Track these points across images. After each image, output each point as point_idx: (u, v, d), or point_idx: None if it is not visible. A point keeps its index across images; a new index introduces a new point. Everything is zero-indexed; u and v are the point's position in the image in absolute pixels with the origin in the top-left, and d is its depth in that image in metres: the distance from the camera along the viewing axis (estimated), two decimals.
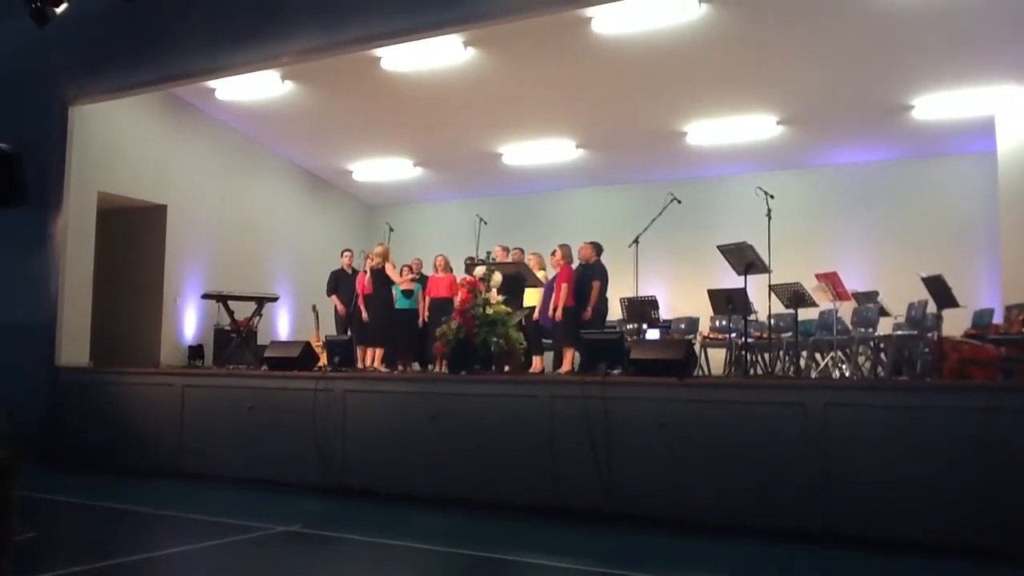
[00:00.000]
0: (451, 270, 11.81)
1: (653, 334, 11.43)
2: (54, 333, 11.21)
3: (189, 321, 13.74)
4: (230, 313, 12.85)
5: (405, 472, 8.41)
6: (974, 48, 10.38)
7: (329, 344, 10.31)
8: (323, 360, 10.45)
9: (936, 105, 11.60)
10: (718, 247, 9.07)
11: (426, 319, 11.51)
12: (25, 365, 11.09)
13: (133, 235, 13.65)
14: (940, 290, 8.84)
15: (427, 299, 11.61)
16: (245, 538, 6.72)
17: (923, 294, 9.41)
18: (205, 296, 13.16)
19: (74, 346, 11.43)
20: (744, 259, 8.77)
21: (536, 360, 10.69)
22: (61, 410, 10.85)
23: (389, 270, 11.64)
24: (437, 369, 10.31)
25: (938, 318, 8.78)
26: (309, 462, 8.91)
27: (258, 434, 9.32)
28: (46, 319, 11.20)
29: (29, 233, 11.39)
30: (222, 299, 12.85)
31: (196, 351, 13.36)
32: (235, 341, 12.76)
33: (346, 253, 12.68)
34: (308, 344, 10.06)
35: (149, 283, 13.50)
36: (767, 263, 8.80)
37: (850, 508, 6.56)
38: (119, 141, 12.80)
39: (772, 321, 9.95)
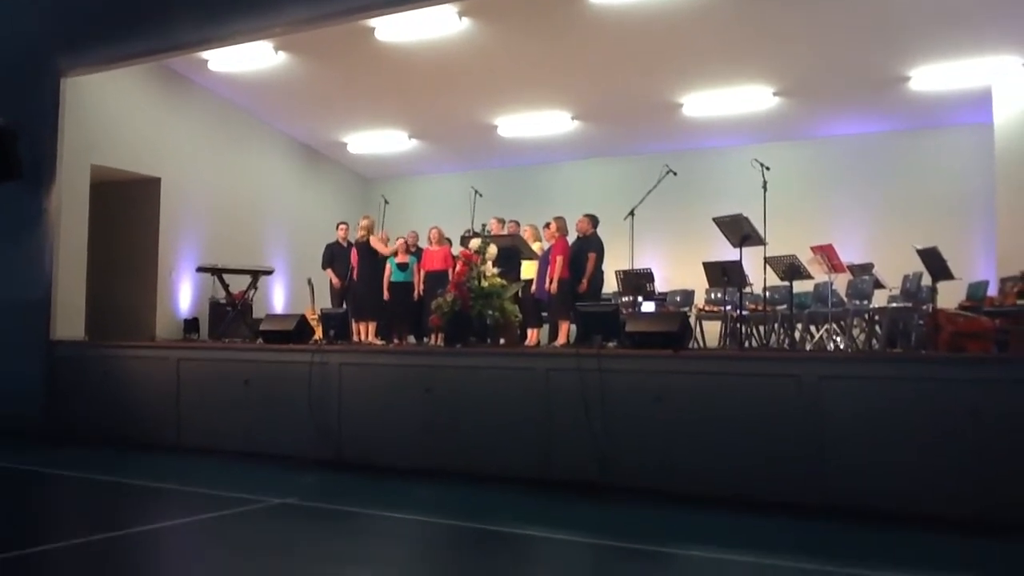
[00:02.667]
0: (447, 242, 11.80)
1: (648, 307, 11.44)
2: (49, 307, 11.18)
3: (184, 294, 13.73)
4: (225, 286, 12.83)
5: (401, 445, 8.44)
6: (971, 19, 10.32)
7: (325, 317, 10.31)
8: (319, 333, 10.46)
9: (933, 76, 11.57)
10: (714, 219, 9.06)
11: (421, 292, 11.50)
12: (20, 339, 11.08)
13: (127, 208, 13.61)
14: (935, 262, 8.85)
15: (422, 272, 11.59)
16: (242, 510, 6.75)
17: (918, 266, 9.42)
18: (200, 269, 13.14)
19: (69, 320, 11.41)
20: (740, 231, 8.76)
21: (532, 333, 10.71)
22: (57, 384, 10.85)
23: (374, 242, 11.62)
24: (433, 342, 10.32)
25: (933, 290, 8.79)
26: (305, 435, 8.93)
27: (254, 407, 9.33)
28: (41, 293, 11.17)
29: (23, 207, 11.34)
30: (217, 272, 12.83)
31: (191, 324, 13.37)
32: (230, 314, 12.76)
33: (341, 226, 12.65)
34: (303, 317, 10.05)
35: (144, 256, 13.47)
36: (763, 235, 8.80)
37: (845, 480, 6.59)
38: (112, 113, 12.71)
39: (767, 293, 9.96)
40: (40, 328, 11.10)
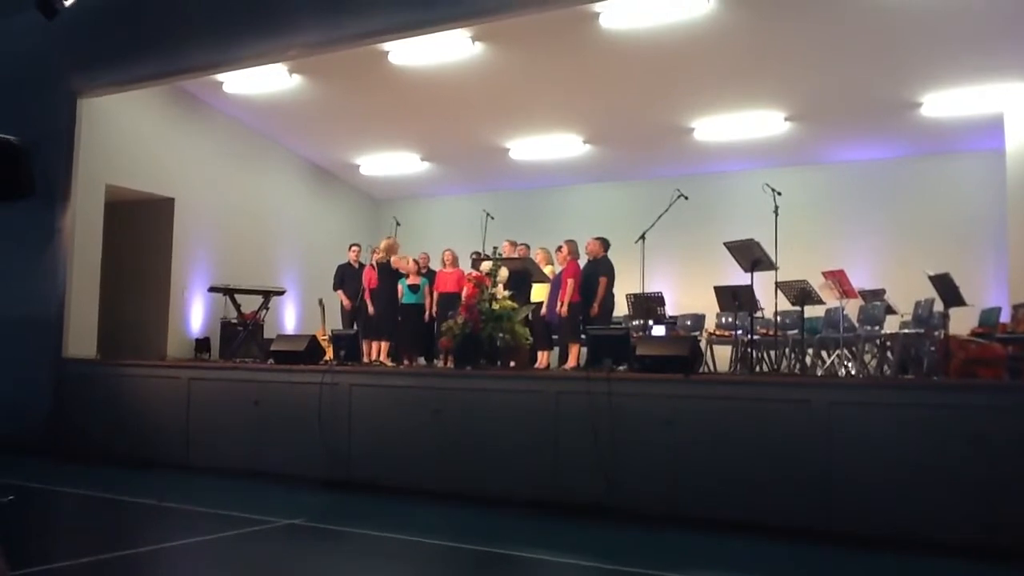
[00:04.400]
0: (459, 265, 11.82)
1: (659, 330, 11.42)
2: (61, 325, 11.24)
3: (196, 314, 13.78)
4: (237, 306, 12.88)
5: (410, 466, 8.42)
6: (983, 45, 10.34)
7: (335, 338, 10.33)
8: (329, 354, 10.47)
9: (945, 102, 11.57)
10: (725, 244, 9.05)
11: (434, 314, 11.52)
12: (32, 357, 11.14)
13: (140, 228, 13.69)
14: (947, 288, 8.81)
15: (435, 294, 11.61)
16: (251, 531, 6.74)
17: (930, 292, 9.39)
18: (212, 289, 13.19)
19: (81, 338, 11.48)
20: (751, 256, 8.76)
21: (542, 356, 10.70)
22: (68, 402, 10.89)
23: (396, 263, 11.65)
24: (443, 364, 10.32)
25: (945, 316, 8.75)
26: (314, 456, 8.92)
27: (264, 427, 9.34)
28: (53, 311, 11.24)
29: (37, 226, 11.42)
30: (229, 292, 12.88)
31: (203, 344, 13.40)
32: (242, 334, 12.79)
33: (353, 247, 12.69)
34: (314, 338, 10.07)
35: (156, 276, 13.54)
36: (774, 260, 8.79)
37: (854, 506, 6.55)
38: (127, 134, 12.82)
39: (778, 318, 9.94)
40: (52, 346, 11.16)
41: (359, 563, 6.07)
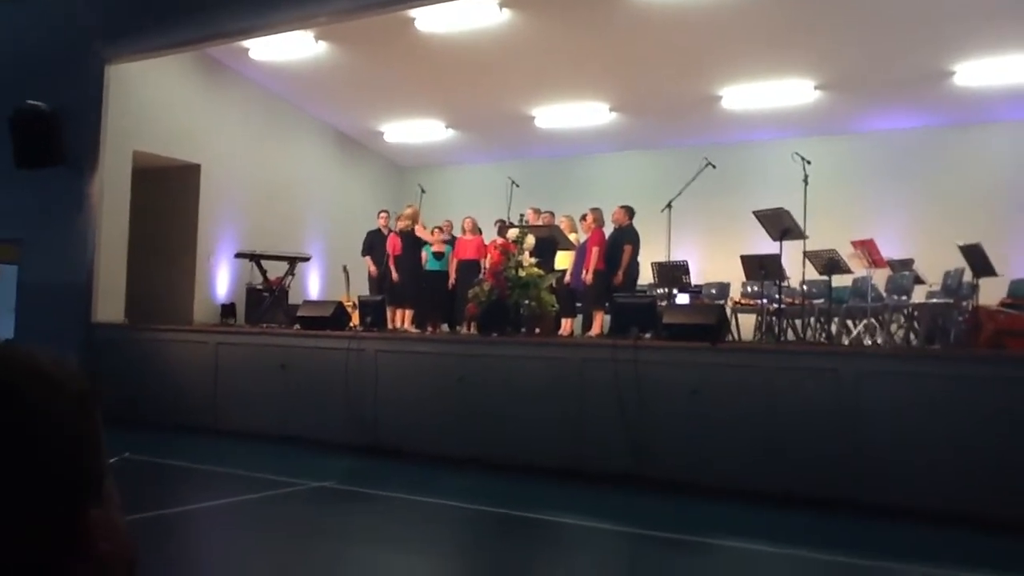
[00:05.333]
0: (479, 232, 11.82)
1: (683, 299, 11.39)
2: (91, 290, 11.35)
3: (222, 280, 13.86)
4: (263, 272, 12.93)
5: (435, 432, 8.48)
6: (1017, 13, 10.15)
7: (362, 304, 10.37)
8: (355, 320, 10.52)
9: (978, 71, 11.38)
10: (754, 212, 9.00)
11: (455, 281, 11.55)
12: (62, 322, 11.25)
13: (167, 194, 13.74)
14: (978, 258, 8.74)
15: (455, 261, 11.63)
16: (281, 492, 6.83)
17: (959, 262, 9.31)
18: (239, 255, 13.25)
19: (110, 303, 11.59)
20: (780, 225, 8.71)
21: (566, 323, 10.71)
22: (97, 366, 10.99)
23: (419, 231, 11.66)
24: (465, 330, 10.35)
25: (974, 287, 8.69)
26: (340, 421, 9.00)
27: (290, 392, 9.42)
28: (83, 277, 11.34)
29: (66, 192, 11.50)
30: (255, 258, 12.93)
31: (228, 310, 13.49)
32: (268, 300, 12.85)
33: (382, 214, 12.67)
34: (340, 304, 10.12)
35: (183, 242, 13.61)
36: (803, 229, 8.74)
37: (881, 477, 6.54)
38: (154, 101, 12.85)
39: (805, 287, 9.89)
40: (82, 311, 11.27)
41: (393, 524, 6.14)
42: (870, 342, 10.12)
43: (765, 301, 10.66)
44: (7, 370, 0.70)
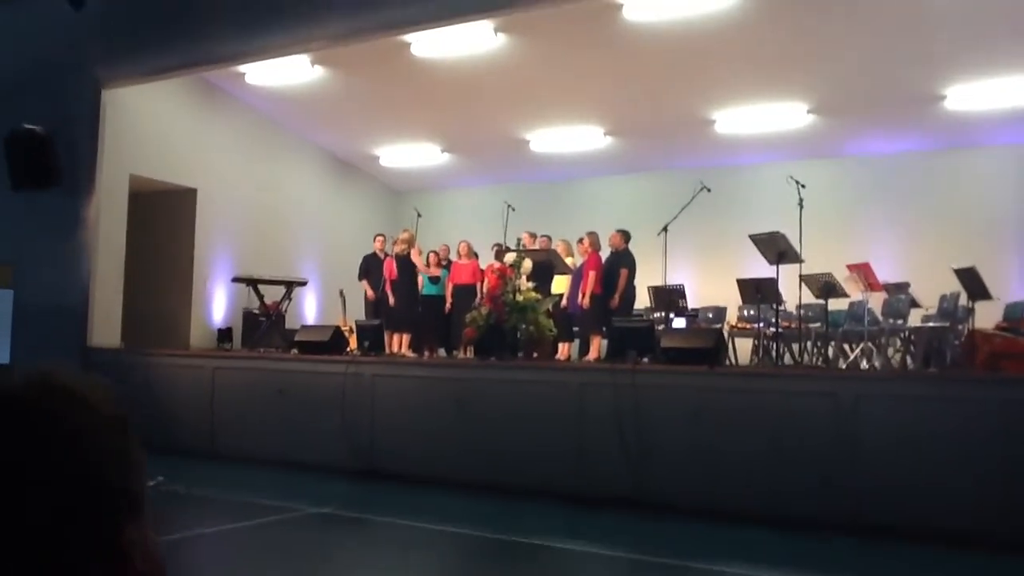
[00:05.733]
0: (475, 256, 11.85)
1: (680, 323, 11.42)
2: (86, 314, 11.31)
3: (218, 304, 13.85)
4: (260, 297, 12.91)
5: (433, 457, 8.46)
6: (1008, 37, 10.27)
7: (360, 328, 10.37)
8: (352, 344, 10.52)
9: (969, 95, 11.49)
10: (750, 236, 9.05)
11: (451, 305, 11.55)
12: (58, 346, 11.20)
13: (163, 218, 13.75)
14: (973, 282, 8.79)
15: (451, 285, 11.65)
16: (279, 519, 6.80)
17: (955, 286, 9.36)
18: (236, 279, 13.23)
19: (106, 327, 11.56)
20: (776, 248, 8.76)
21: (563, 347, 10.72)
22: None
23: (414, 256, 11.68)
24: (462, 354, 10.34)
25: (970, 310, 8.73)
26: (338, 445, 8.97)
27: (288, 417, 9.38)
28: (78, 300, 11.31)
29: (62, 215, 11.48)
30: (253, 283, 12.90)
31: (225, 334, 13.46)
32: (265, 324, 12.83)
33: (378, 238, 12.71)
34: (338, 328, 10.12)
35: (179, 266, 13.61)
36: (799, 253, 8.78)
37: (879, 499, 6.54)
38: (150, 124, 12.88)
39: (801, 311, 9.92)
40: (77, 335, 11.23)
41: (392, 550, 6.11)
42: (867, 366, 10.15)
43: (761, 325, 10.70)
44: (46, 394, 0.72)
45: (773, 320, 9.76)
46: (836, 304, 10.63)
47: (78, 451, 0.70)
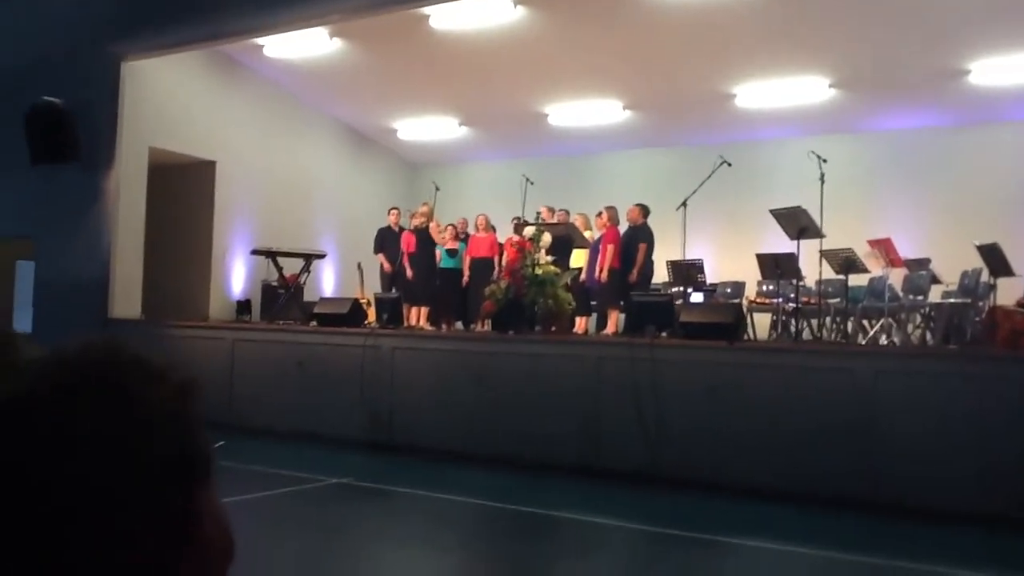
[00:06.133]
0: (493, 229, 11.84)
1: (697, 297, 11.39)
2: (107, 286, 11.41)
3: (237, 276, 13.91)
4: (279, 269, 12.95)
5: (451, 429, 8.51)
6: None
7: (378, 301, 10.40)
8: (371, 317, 10.56)
9: (993, 70, 11.34)
10: (771, 211, 9.00)
11: (468, 279, 11.57)
12: (79, 318, 11.31)
13: (183, 191, 13.79)
14: (995, 258, 8.73)
15: (468, 258, 11.65)
16: (300, 489, 6.86)
17: (976, 262, 9.29)
18: (255, 252, 13.28)
19: (126, 299, 11.65)
20: (798, 223, 8.71)
21: (580, 321, 10.73)
22: None
23: (433, 230, 11.69)
24: (479, 328, 10.37)
25: (991, 287, 8.67)
26: (357, 417, 9.03)
27: (307, 389, 9.45)
28: (99, 273, 11.41)
29: (82, 189, 11.57)
30: (272, 255, 12.94)
31: (244, 306, 13.53)
32: (283, 297, 12.87)
33: (393, 211, 12.72)
34: (357, 301, 10.15)
35: (198, 238, 13.66)
36: (820, 228, 8.73)
37: (897, 476, 6.54)
38: (169, 97, 12.89)
39: (821, 287, 9.88)
40: (98, 307, 11.34)
41: (411, 520, 6.17)
42: (886, 342, 10.11)
43: (780, 300, 10.66)
44: (114, 363, 0.74)
45: (792, 296, 9.72)
46: (856, 280, 10.58)
47: (144, 416, 0.71)
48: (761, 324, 11.62)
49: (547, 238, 9.80)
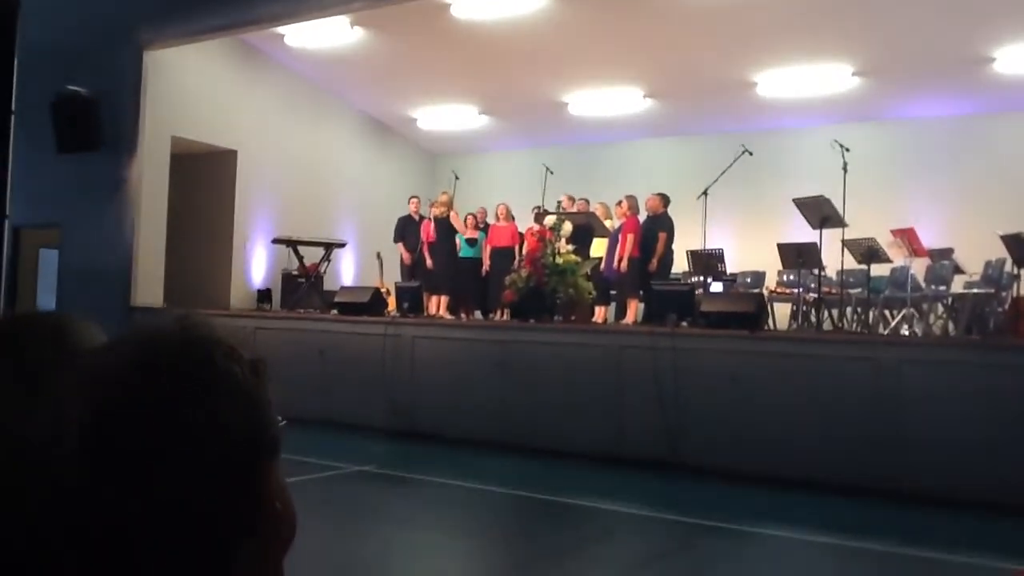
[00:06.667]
0: (512, 219, 11.84)
1: (717, 287, 11.36)
2: (129, 275, 11.49)
3: (257, 265, 13.98)
4: (300, 258, 13.01)
5: (473, 417, 8.54)
6: None
7: (399, 290, 10.44)
8: (391, 306, 10.60)
9: (1018, 58, 11.23)
10: (794, 200, 8.96)
11: (488, 268, 11.58)
12: (102, 306, 11.37)
13: (205, 180, 13.86)
14: (1019, 248, 8.65)
15: (489, 248, 11.66)
16: (324, 476, 6.91)
17: (1000, 252, 9.21)
18: (276, 241, 13.34)
19: (149, 287, 11.73)
20: (820, 212, 8.67)
21: (599, 310, 10.72)
22: None
23: (453, 219, 11.70)
24: (498, 317, 10.38)
25: (1015, 277, 8.60)
26: (378, 405, 9.08)
27: (328, 377, 9.50)
28: (122, 261, 11.48)
29: (106, 177, 11.63)
30: (293, 244, 13.01)
31: (264, 295, 13.60)
32: (304, 286, 12.94)
33: (413, 200, 12.73)
34: (378, 290, 10.19)
35: (219, 227, 13.73)
36: (843, 217, 8.69)
37: (920, 465, 6.52)
38: (191, 86, 12.95)
39: (842, 276, 9.83)
40: (121, 295, 11.41)
41: (433, 508, 6.20)
42: (908, 332, 10.05)
43: (801, 290, 10.62)
44: (195, 335, 0.75)
45: (813, 285, 9.67)
46: (878, 270, 10.52)
47: (221, 387, 0.72)
48: (781, 314, 11.57)
49: (568, 227, 9.80)
